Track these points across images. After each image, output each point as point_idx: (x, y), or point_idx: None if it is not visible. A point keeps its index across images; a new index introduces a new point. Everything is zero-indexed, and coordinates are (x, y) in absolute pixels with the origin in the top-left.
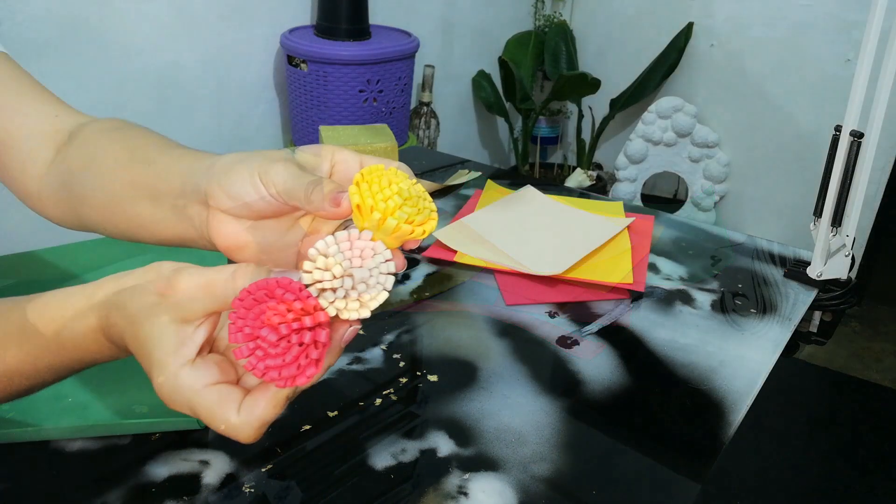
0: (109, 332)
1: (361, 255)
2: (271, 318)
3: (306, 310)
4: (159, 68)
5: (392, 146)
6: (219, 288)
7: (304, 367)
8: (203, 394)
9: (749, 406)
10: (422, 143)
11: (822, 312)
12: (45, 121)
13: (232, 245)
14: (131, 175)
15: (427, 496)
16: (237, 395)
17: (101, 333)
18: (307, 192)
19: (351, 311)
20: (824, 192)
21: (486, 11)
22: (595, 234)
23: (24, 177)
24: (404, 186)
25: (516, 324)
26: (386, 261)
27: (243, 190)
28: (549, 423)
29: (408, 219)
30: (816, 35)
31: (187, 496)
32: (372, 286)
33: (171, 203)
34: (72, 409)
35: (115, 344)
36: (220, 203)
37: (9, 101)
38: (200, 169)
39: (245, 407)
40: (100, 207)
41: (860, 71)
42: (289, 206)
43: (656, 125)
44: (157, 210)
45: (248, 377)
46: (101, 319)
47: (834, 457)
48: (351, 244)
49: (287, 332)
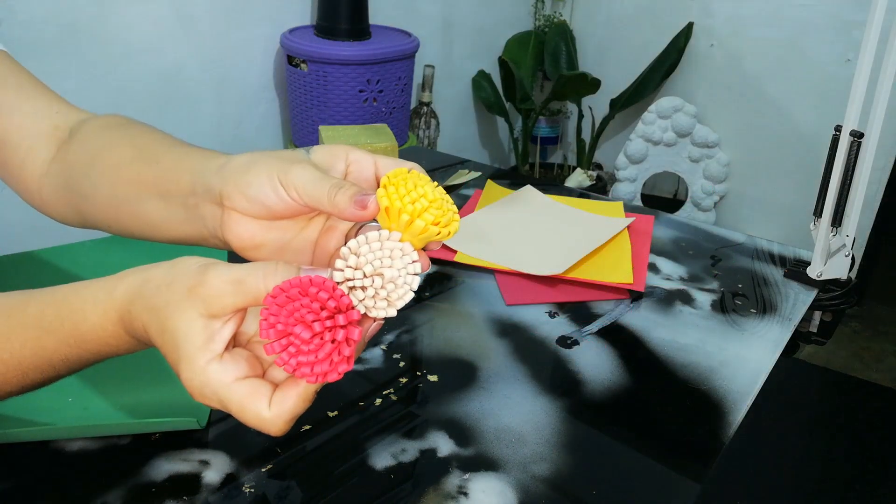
0: (131, 324)
1: (391, 255)
2: (305, 316)
3: (339, 308)
4: (159, 68)
5: (392, 146)
6: (250, 284)
7: (336, 363)
8: (233, 388)
9: (749, 406)
10: (422, 143)
11: (822, 312)
12: (45, 118)
13: (248, 244)
14: (137, 173)
15: (427, 496)
16: (267, 390)
17: (121, 326)
18: (330, 196)
19: (379, 310)
20: (824, 192)
21: (486, 11)
22: (595, 234)
23: (25, 174)
24: (429, 189)
25: (516, 324)
26: (413, 262)
27: (262, 192)
28: (549, 423)
29: (434, 220)
30: (816, 35)
31: (187, 496)
32: (400, 286)
33: (182, 202)
34: (72, 409)
35: (134, 337)
36: (237, 204)
37: (8, 98)
38: (211, 168)
39: (276, 401)
40: (104, 205)
41: (860, 71)
42: (307, 208)
43: (656, 125)
44: (166, 208)
45: (273, 371)
46: (123, 312)
47: (834, 457)
48: (381, 244)
49: (321, 329)
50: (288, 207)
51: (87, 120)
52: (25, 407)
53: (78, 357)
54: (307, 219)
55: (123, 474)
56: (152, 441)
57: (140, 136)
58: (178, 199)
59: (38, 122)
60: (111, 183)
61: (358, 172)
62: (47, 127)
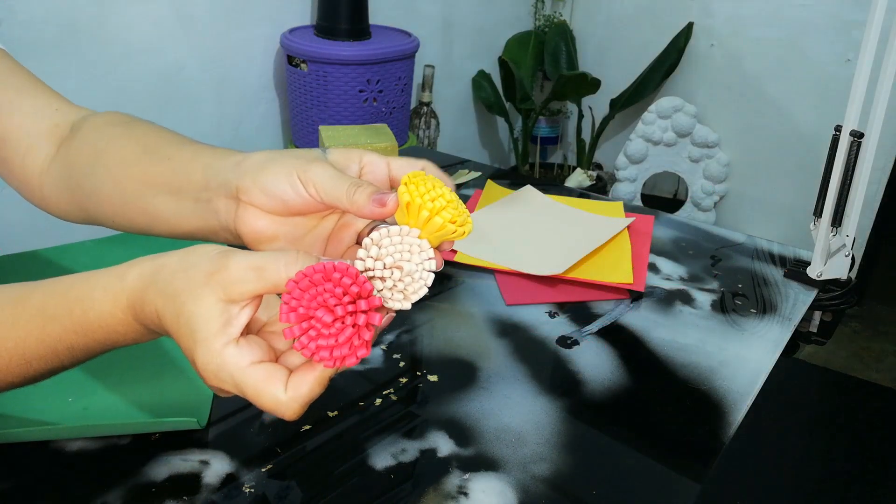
0: (142, 310)
1: (410, 249)
2: (328, 300)
3: (361, 294)
4: (159, 68)
5: (392, 146)
6: (271, 272)
7: (356, 347)
8: (249, 371)
9: (749, 406)
10: (422, 143)
11: (822, 312)
12: (45, 116)
13: (261, 238)
14: (145, 170)
15: (427, 496)
16: (283, 374)
17: (131, 313)
18: (349, 194)
19: (395, 302)
20: (824, 192)
21: (486, 11)
22: (595, 234)
23: (25, 171)
24: (446, 191)
25: (516, 324)
26: (430, 258)
27: (280, 188)
28: (549, 423)
29: (451, 219)
30: (816, 35)
31: (187, 496)
32: (416, 280)
33: (194, 196)
34: (72, 409)
35: (143, 325)
36: (254, 199)
37: (8, 97)
38: (227, 165)
39: (292, 385)
40: (109, 201)
41: (860, 71)
42: (323, 206)
43: (656, 125)
44: (176, 203)
45: (288, 357)
46: (134, 299)
47: (834, 457)
48: (402, 238)
49: (342, 313)
50: (304, 204)
51: (88, 117)
52: (25, 407)
53: (83, 346)
54: (320, 216)
55: (123, 474)
56: (152, 441)
57: (145, 134)
58: (190, 195)
59: (39, 120)
60: (117, 179)
61: (371, 174)
62: (47, 125)
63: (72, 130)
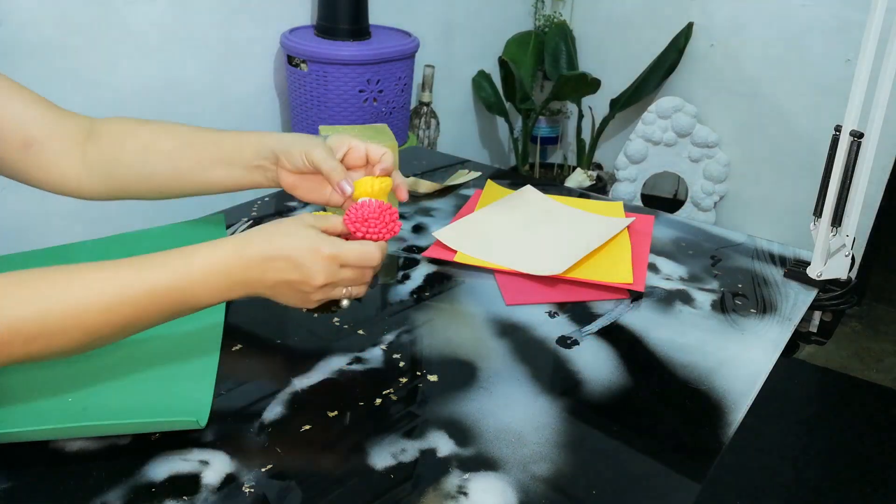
0: (243, 250)
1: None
2: (374, 211)
3: (392, 214)
4: (160, 68)
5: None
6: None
7: (391, 228)
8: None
9: (749, 406)
10: (422, 143)
11: (822, 312)
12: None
13: (290, 186)
14: (198, 153)
15: (427, 496)
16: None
17: (234, 256)
18: (328, 172)
19: None
20: (824, 192)
21: (486, 11)
22: (595, 234)
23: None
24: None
25: (516, 324)
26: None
27: (296, 160)
28: (549, 423)
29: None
30: (816, 35)
31: (187, 496)
32: None
33: (244, 165)
34: (72, 409)
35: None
36: (284, 164)
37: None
38: (270, 142)
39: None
40: (164, 181)
41: (860, 71)
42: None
43: (656, 125)
44: (228, 172)
45: None
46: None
47: (834, 457)
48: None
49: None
50: (309, 170)
51: (99, 121)
52: (25, 407)
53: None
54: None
55: (123, 474)
56: (152, 441)
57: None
58: (241, 164)
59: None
60: (174, 161)
61: (353, 153)
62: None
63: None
